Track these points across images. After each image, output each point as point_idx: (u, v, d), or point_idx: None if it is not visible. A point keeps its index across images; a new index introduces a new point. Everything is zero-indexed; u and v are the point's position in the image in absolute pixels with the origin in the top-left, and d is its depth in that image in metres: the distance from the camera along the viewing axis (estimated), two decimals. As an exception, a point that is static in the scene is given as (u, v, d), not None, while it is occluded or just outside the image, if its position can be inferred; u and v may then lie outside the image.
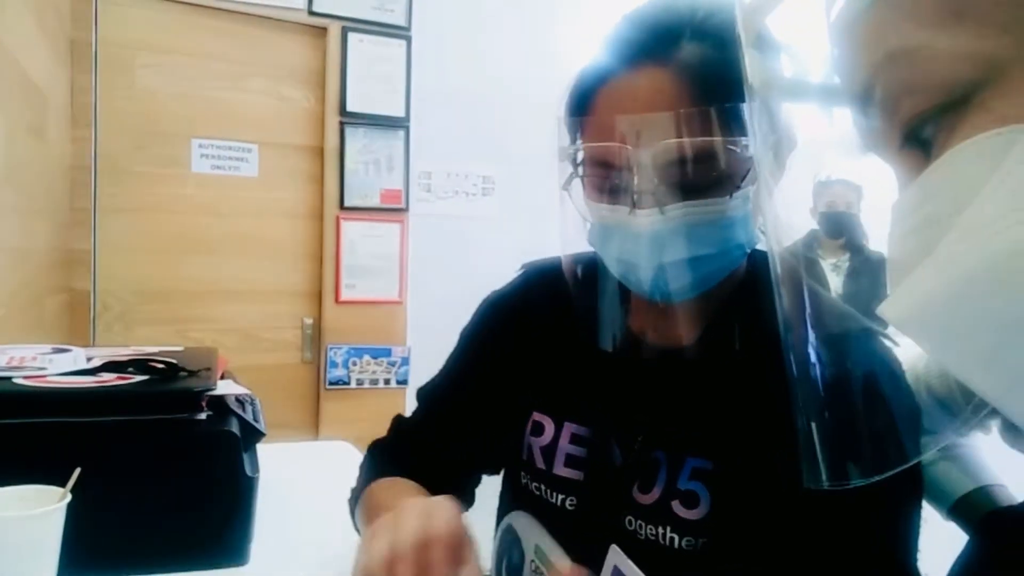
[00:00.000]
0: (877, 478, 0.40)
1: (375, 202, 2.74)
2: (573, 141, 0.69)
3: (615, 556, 0.65)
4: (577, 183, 0.70)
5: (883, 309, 0.34)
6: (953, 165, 0.32)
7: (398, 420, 0.92)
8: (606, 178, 0.66)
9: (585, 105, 0.67)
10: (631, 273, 0.68)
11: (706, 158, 0.62)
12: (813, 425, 0.41)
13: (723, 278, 0.69)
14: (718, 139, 0.61)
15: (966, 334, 0.31)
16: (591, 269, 0.76)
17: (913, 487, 0.67)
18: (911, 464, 0.62)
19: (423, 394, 0.90)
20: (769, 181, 0.51)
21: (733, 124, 0.61)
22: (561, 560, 0.74)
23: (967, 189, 0.31)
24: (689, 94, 0.62)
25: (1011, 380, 0.31)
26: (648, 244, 0.63)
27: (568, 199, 0.71)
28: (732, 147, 0.62)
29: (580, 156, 0.68)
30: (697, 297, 0.68)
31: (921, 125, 0.34)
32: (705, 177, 0.62)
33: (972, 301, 0.30)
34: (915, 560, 0.65)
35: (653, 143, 0.61)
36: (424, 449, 0.85)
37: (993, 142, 0.30)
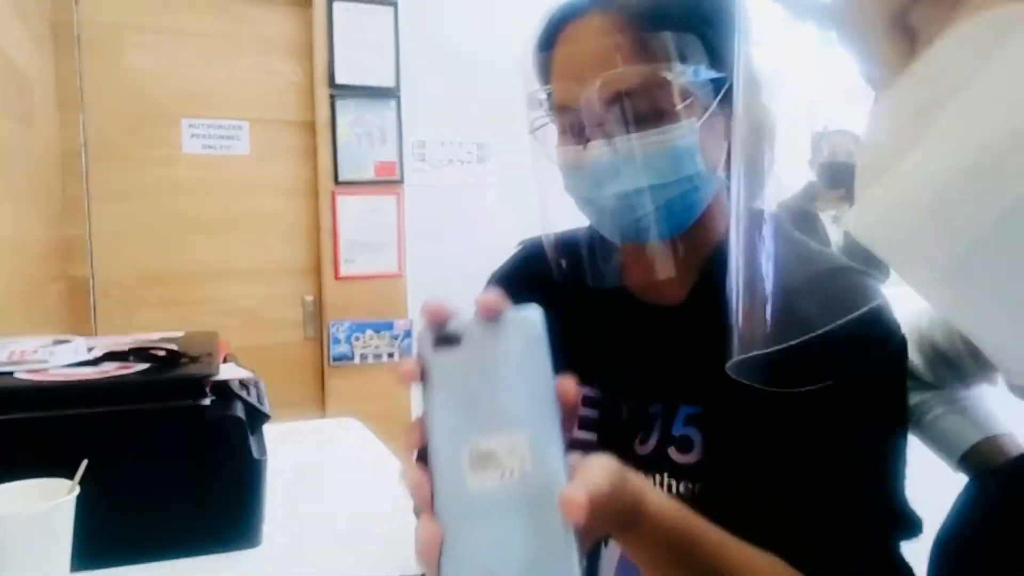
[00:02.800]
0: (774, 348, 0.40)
1: (369, 175, 2.72)
2: (539, 86, 0.74)
3: None
4: (550, 133, 0.74)
5: (847, 220, 0.30)
6: (945, 50, 0.27)
7: None
8: (566, 119, 0.71)
9: (543, 52, 0.72)
10: (595, 212, 0.72)
11: (647, 87, 0.66)
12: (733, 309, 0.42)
13: (689, 219, 0.71)
14: (655, 66, 0.65)
15: (937, 244, 0.27)
16: (577, 235, 0.79)
17: (896, 421, 0.68)
18: (885, 389, 0.63)
19: None
20: (748, 123, 0.51)
21: (673, 53, 0.65)
22: None
23: (959, 76, 0.26)
24: (630, 32, 0.66)
25: (980, 297, 0.27)
26: (601, 177, 0.68)
27: (540, 152, 0.74)
28: (671, 75, 0.65)
29: (545, 102, 0.73)
30: (673, 244, 0.70)
31: (913, 6, 0.30)
32: (650, 107, 0.66)
33: (949, 205, 0.26)
34: (902, 491, 0.67)
35: (595, 77, 0.66)
36: None
37: (992, 22, 0.26)
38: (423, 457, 0.45)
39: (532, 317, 0.44)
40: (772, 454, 0.65)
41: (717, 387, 0.68)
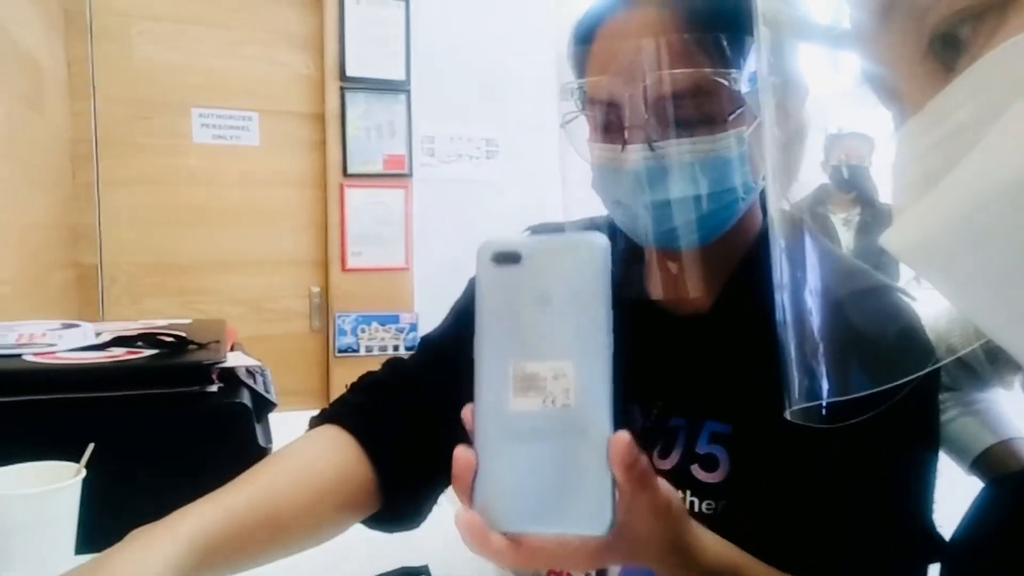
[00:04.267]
0: (842, 398, 0.39)
1: (378, 168, 2.71)
2: (574, 78, 0.69)
3: None
4: (580, 128, 0.69)
5: (886, 238, 0.31)
6: (990, 67, 0.27)
7: (393, 361, 0.85)
8: (602, 116, 0.66)
9: (581, 45, 0.67)
10: (627, 216, 0.67)
11: (696, 91, 0.61)
12: (788, 350, 0.40)
13: (724, 228, 0.67)
14: (708, 71, 0.61)
15: (980, 263, 0.27)
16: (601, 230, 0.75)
17: (927, 443, 0.66)
18: (914, 411, 0.61)
19: (426, 341, 0.85)
20: (776, 131, 0.50)
21: (725, 57, 0.61)
22: None
23: (1004, 95, 0.26)
24: (684, 30, 0.62)
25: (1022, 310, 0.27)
26: (637, 181, 0.63)
27: (569, 146, 0.70)
28: (724, 80, 0.61)
29: (578, 94, 0.68)
30: (704, 252, 0.67)
31: (957, 27, 0.29)
32: (697, 112, 0.62)
33: (991, 225, 0.26)
34: (930, 513, 0.65)
35: (642, 76, 0.61)
36: (418, 393, 0.77)
37: None
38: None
39: (598, 243, 0.42)
40: (803, 477, 0.63)
41: (746, 406, 0.66)
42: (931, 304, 0.86)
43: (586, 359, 0.41)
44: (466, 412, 0.44)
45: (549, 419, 0.41)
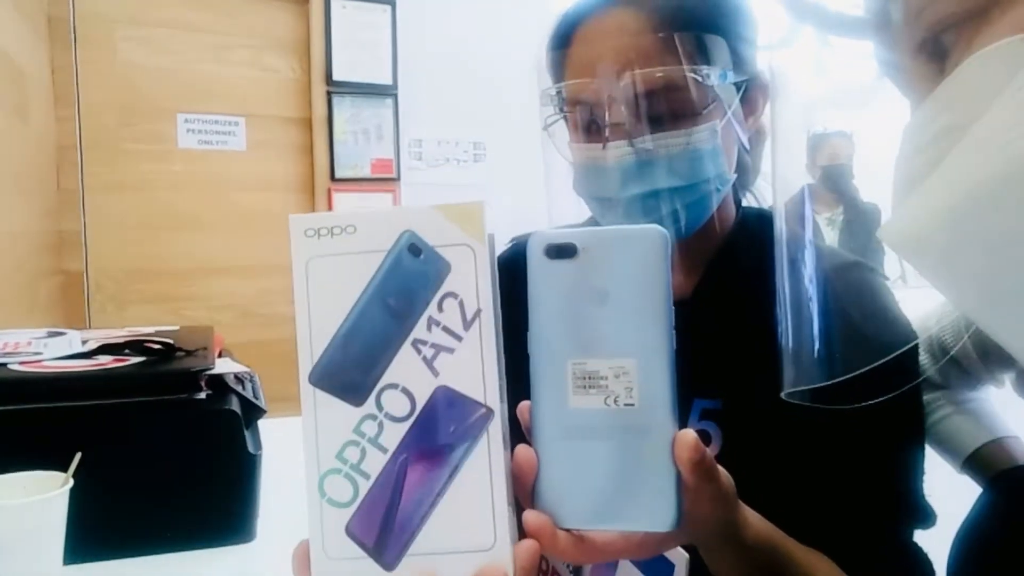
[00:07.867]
0: (837, 379, 0.40)
1: (366, 172, 2.71)
2: (553, 83, 0.72)
3: None
4: (561, 130, 0.72)
5: (882, 231, 0.32)
6: (968, 74, 0.30)
7: None
8: (582, 117, 0.69)
9: (560, 48, 0.70)
10: (610, 212, 0.70)
11: (671, 88, 0.64)
12: (787, 334, 0.42)
13: (703, 218, 0.70)
14: (682, 68, 0.64)
15: (965, 254, 0.29)
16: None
17: (914, 428, 0.70)
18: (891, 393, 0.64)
19: None
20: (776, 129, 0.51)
21: (697, 54, 0.64)
22: None
23: (982, 100, 0.28)
24: (658, 30, 0.65)
25: (1012, 303, 0.28)
26: (619, 177, 0.66)
27: (551, 147, 0.73)
28: (697, 76, 0.64)
29: (557, 98, 0.71)
30: (686, 241, 0.70)
31: (942, 32, 0.32)
32: (672, 108, 0.65)
33: (975, 218, 0.28)
34: (919, 481, 0.69)
35: (620, 76, 0.64)
36: None
37: (1012, 49, 0.28)
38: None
39: (657, 235, 0.41)
40: (791, 448, 0.66)
41: (735, 382, 0.69)
42: (922, 302, 0.87)
43: (648, 356, 0.40)
44: (523, 410, 0.43)
45: (612, 418, 0.41)
